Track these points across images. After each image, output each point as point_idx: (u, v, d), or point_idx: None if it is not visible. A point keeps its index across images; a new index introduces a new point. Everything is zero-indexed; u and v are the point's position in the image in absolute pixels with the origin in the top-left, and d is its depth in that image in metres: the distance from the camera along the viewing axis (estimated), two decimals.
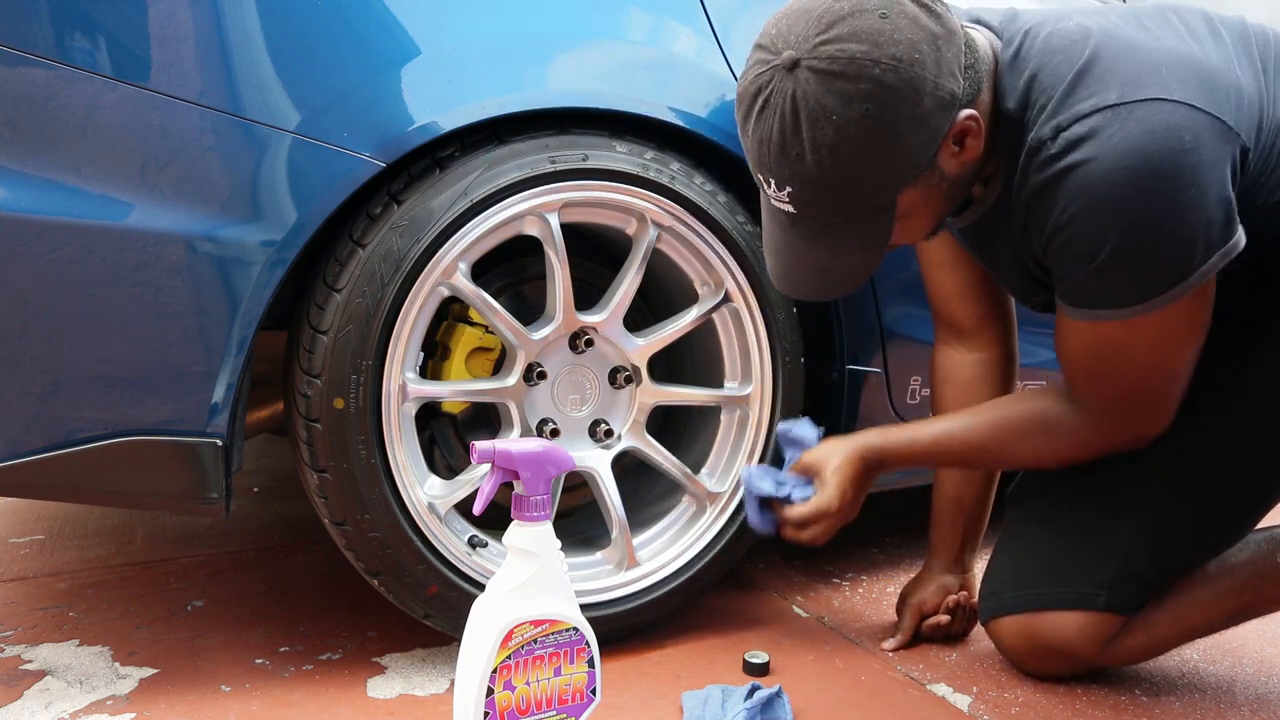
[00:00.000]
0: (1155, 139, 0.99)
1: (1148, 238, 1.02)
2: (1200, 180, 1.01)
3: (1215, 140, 1.02)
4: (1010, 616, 1.32)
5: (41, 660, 1.32)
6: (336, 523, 1.22)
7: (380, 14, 1.18)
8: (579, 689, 1.03)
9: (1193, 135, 1.00)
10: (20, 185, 1.04)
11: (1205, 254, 1.04)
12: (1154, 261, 1.04)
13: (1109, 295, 1.08)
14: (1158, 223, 1.02)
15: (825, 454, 1.30)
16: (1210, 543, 1.28)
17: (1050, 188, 1.06)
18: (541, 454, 1.00)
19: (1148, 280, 1.06)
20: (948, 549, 1.48)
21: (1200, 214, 1.02)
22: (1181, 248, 1.03)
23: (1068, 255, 1.08)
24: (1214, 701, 1.30)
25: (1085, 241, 1.05)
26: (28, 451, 1.09)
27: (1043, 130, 1.06)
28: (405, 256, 1.18)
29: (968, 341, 1.44)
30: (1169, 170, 1.00)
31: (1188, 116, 1.01)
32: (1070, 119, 1.04)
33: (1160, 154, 0.99)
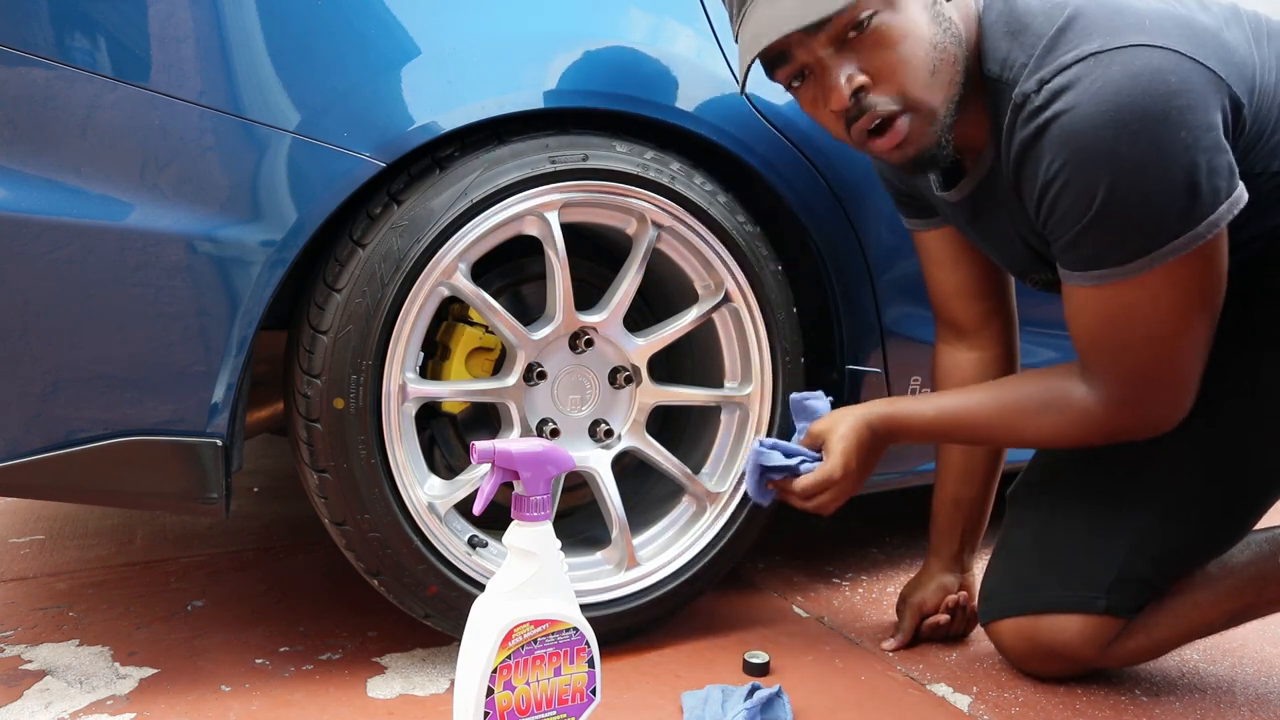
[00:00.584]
0: (1139, 82, 0.97)
1: (1139, 183, 0.99)
2: (1190, 124, 0.98)
3: (1203, 85, 0.99)
4: (1010, 619, 1.32)
5: (41, 660, 1.32)
6: (336, 523, 1.22)
7: (380, 14, 1.18)
8: (579, 689, 1.03)
9: (1179, 79, 0.97)
10: (20, 185, 1.04)
11: (1211, 202, 1.00)
12: (1152, 209, 1.00)
13: (1109, 250, 1.05)
14: (1147, 167, 0.98)
15: (832, 422, 1.30)
16: (1211, 545, 1.28)
17: (1036, 141, 1.03)
18: (541, 454, 1.00)
19: (1148, 230, 1.02)
20: (947, 549, 1.48)
21: (1197, 157, 0.98)
22: (1180, 194, 0.99)
23: (1061, 211, 1.05)
24: (1214, 701, 1.30)
25: (1076, 192, 1.02)
26: (28, 451, 1.09)
27: (1026, 85, 1.04)
28: (405, 256, 1.18)
29: (969, 340, 1.43)
30: (1156, 112, 0.97)
31: (1173, 60, 0.98)
32: (1053, 71, 1.02)
33: (1145, 96, 0.97)
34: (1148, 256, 1.03)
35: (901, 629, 1.44)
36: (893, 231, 1.48)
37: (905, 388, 1.58)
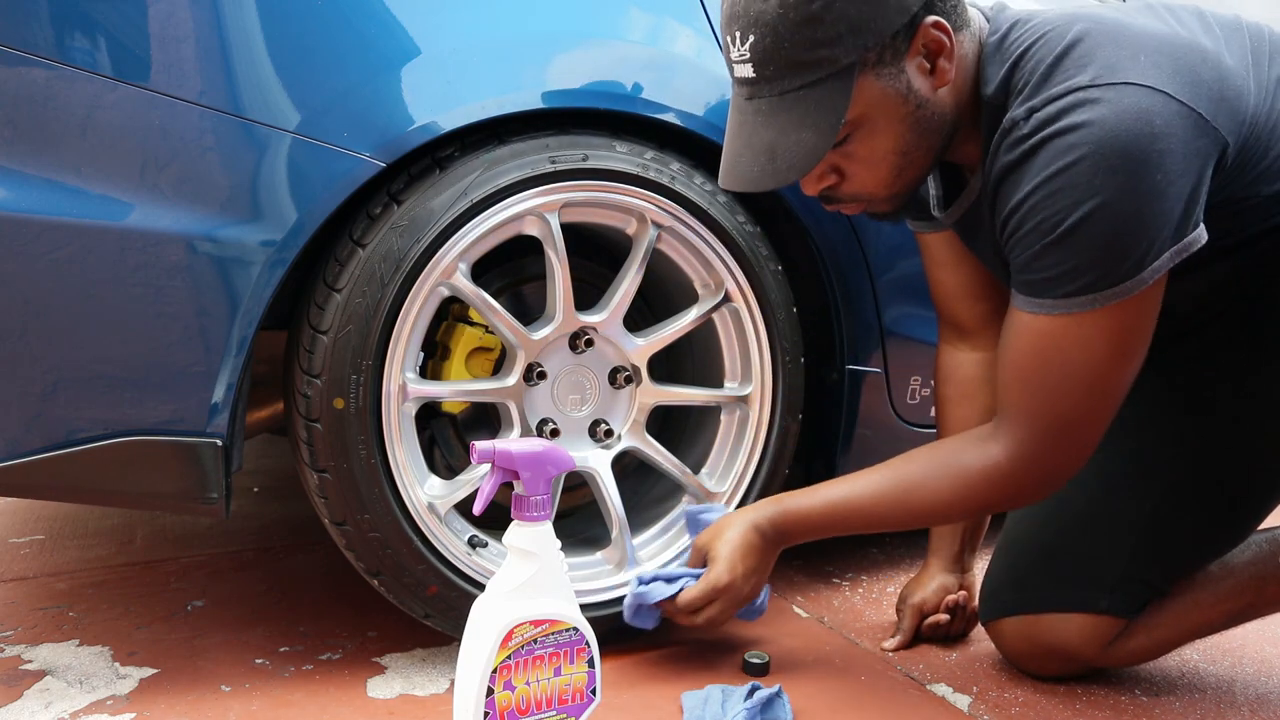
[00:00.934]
0: (1124, 121, 0.98)
1: (1106, 222, 1.00)
2: (1166, 168, 0.99)
3: (1187, 131, 1.00)
4: (1011, 618, 1.32)
5: (41, 660, 1.32)
6: (336, 523, 1.22)
7: (380, 14, 1.18)
8: (579, 689, 1.03)
9: (1164, 121, 0.98)
10: (20, 185, 1.04)
11: (1160, 249, 1.02)
12: (1111, 248, 1.01)
13: (1060, 280, 1.04)
14: (1117, 207, 0.99)
15: (716, 530, 1.28)
16: (1213, 545, 1.28)
17: (1017, 165, 1.04)
18: (541, 454, 1.00)
19: (1102, 268, 1.02)
20: (947, 549, 1.47)
21: (1162, 205, 1.00)
22: (1139, 238, 1.00)
23: (1025, 230, 1.05)
24: (1214, 701, 1.30)
25: (1043, 217, 1.02)
26: (28, 451, 1.09)
27: (1016, 111, 1.05)
28: (405, 256, 1.18)
29: (971, 340, 1.43)
30: (1135, 154, 0.98)
31: (1161, 103, 0.99)
32: (1043, 101, 1.03)
33: (1128, 137, 0.98)
34: (1094, 294, 1.03)
35: (901, 629, 1.44)
36: (893, 231, 1.48)
37: (905, 388, 1.58)
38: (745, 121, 1.08)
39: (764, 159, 1.07)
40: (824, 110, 1.04)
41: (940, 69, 1.07)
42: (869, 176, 1.12)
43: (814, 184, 1.13)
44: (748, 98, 1.07)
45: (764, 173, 1.08)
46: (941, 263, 1.40)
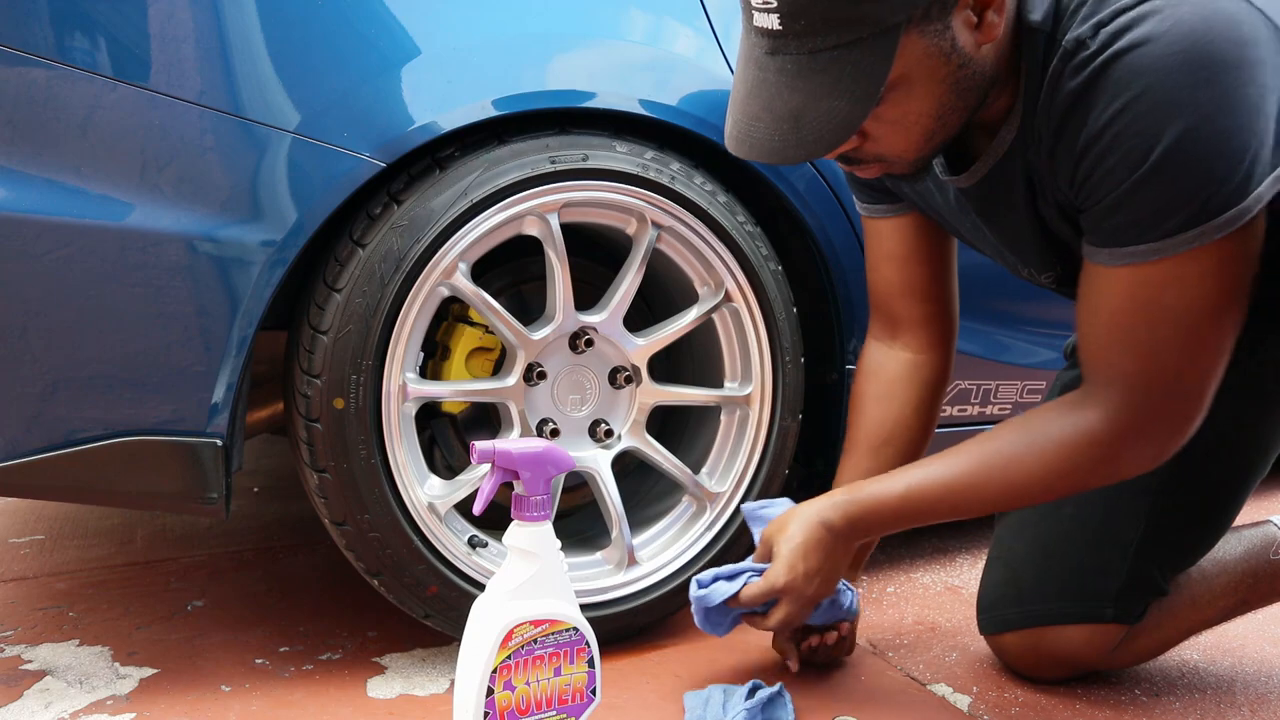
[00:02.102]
0: (1214, 25, 0.86)
1: (1204, 143, 0.88)
2: (1260, 81, 0.88)
3: (1271, 41, 0.89)
4: (1014, 632, 1.31)
5: (41, 660, 1.32)
6: (336, 523, 1.22)
7: (380, 14, 1.18)
8: (579, 689, 1.03)
9: (1251, 29, 0.87)
10: (20, 185, 1.04)
11: (1263, 172, 0.90)
12: (1211, 173, 0.89)
13: (1158, 219, 0.92)
14: (1214, 124, 0.87)
15: (781, 523, 1.19)
16: (1213, 535, 1.27)
17: (1090, 87, 0.92)
18: (541, 454, 1.00)
19: (1203, 198, 0.90)
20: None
21: (1259, 121, 0.88)
22: (1241, 159, 0.89)
23: (1107, 167, 0.92)
24: (1214, 702, 1.30)
25: (1131, 143, 0.90)
26: (28, 451, 1.09)
27: (1080, 30, 0.92)
28: (405, 256, 1.18)
29: (904, 339, 1.33)
30: (1231, 60, 0.86)
31: (1245, 10, 0.88)
32: (1111, 14, 0.90)
33: (1219, 42, 0.86)
34: (1197, 229, 0.91)
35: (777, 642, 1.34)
36: None
37: None
38: (766, 80, 0.94)
39: (787, 126, 0.93)
40: (862, 75, 0.91)
41: (988, 23, 0.94)
42: (898, 140, 1.00)
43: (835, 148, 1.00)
44: (769, 52, 0.93)
45: (786, 143, 0.94)
46: (890, 254, 1.30)
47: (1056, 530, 1.29)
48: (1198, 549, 1.28)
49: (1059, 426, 1.05)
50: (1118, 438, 1.02)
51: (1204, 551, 1.28)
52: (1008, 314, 1.68)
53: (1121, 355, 1.00)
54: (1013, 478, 1.08)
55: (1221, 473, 1.24)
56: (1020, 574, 1.31)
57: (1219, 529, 1.27)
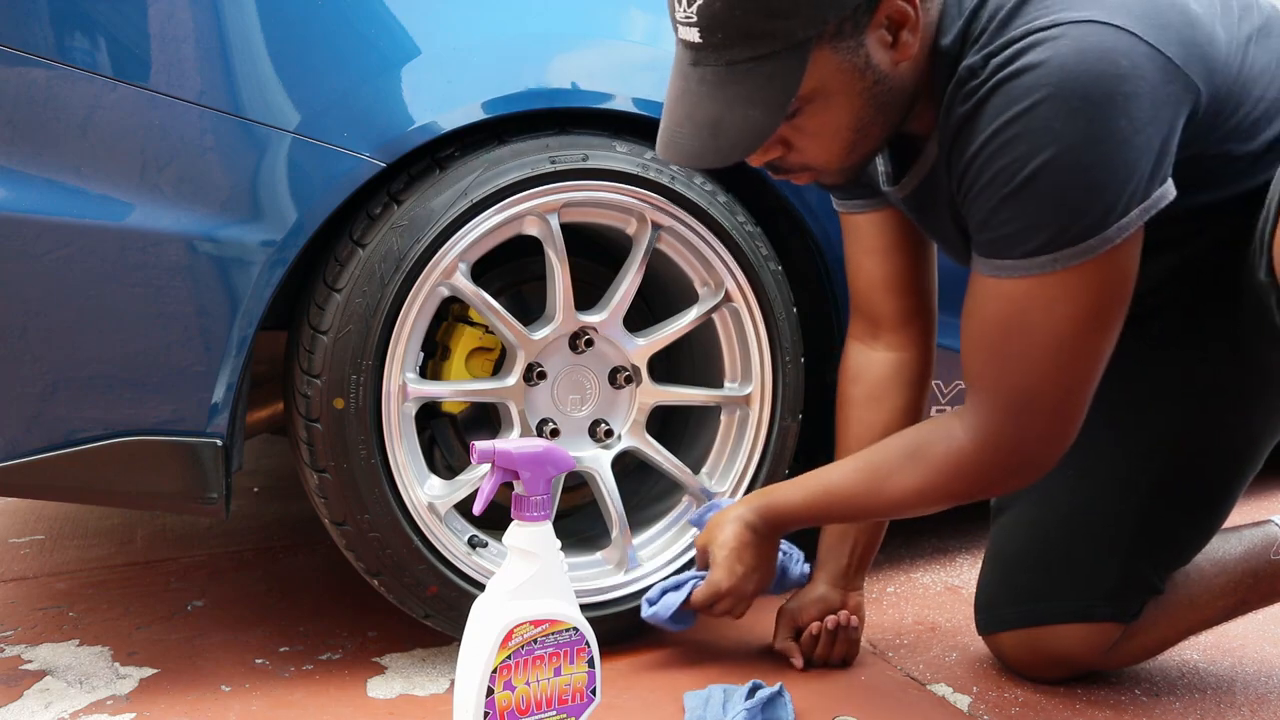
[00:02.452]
0: (1086, 59, 0.90)
1: (1067, 170, 0.92)
2: (1132, 114, 0.91)
3: (1156, 75, 0.92)
4: (1010, 632, 1.32)
5: (41, 660, 1.32)
6: (336, 523, 1.22)
7: (380, 14, 1.18)
8: (579, 689, 1.03)
9: (1130, 63, 0.90)
10: (20, 185, 1.04)
11: (1128, 205, 0.93)
12: (1072, 201, 0.93)
13: (1020, 237, 0.96)
14: (1079, 154, 0.91)
15: (710, 532, 1.28)
16: (1204, 533, 1.27)
17: (972, 116, 0.96)
18: (541, 454, 1.00)
19: (1063, 223, 0.94)
20: (834, 563, 1.38)
21: (1127, 154, 0.92)
22: (1103, 190, 0.92)
23: (982, 184, 0.97)
24: (1214, 702, 1.30)
25: (1001, 166, 0.94)
26: (28, 451, 1.09)
27: (973, 60, 0.97)
28: (405, 256, 1.18)
29: (886, 339, 1.34)
30: (1098, 96, 0.90)
31: (1128, 43, 0.91)
32: (1001, 45, 0.95)
33: (1090, 77, 0.90)
34: (1055, 253, 0.95)
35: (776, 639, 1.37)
36: None
37: None
38: (689, 90, 0.99)
39: (706, 134, 0.99)
40: (774, 87, 0.96)
41: (903, 42, 0.98)
42: (819, 151, 1.04)
43: (760, 156, 1.05)
44: (692, 63, 0.99)
45: (705, 149, 1.00)
46: (870, 249, 1.31)
47: (1050, 529, 1.29)
48: (1191, 546, 1.28)
49: (934, 441, 1.09)
50: (986, 452, 1.05)
51: (1197, 549, 1.28)
52: None
53: (988, 366, 1.03)
54: (896, 492, 1.12)
55: (1212, 469, 1.24)
56: (1015, 573, 1.32)
57: (1211, 526, 1.27)
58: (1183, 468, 1.23)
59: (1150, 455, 1.23)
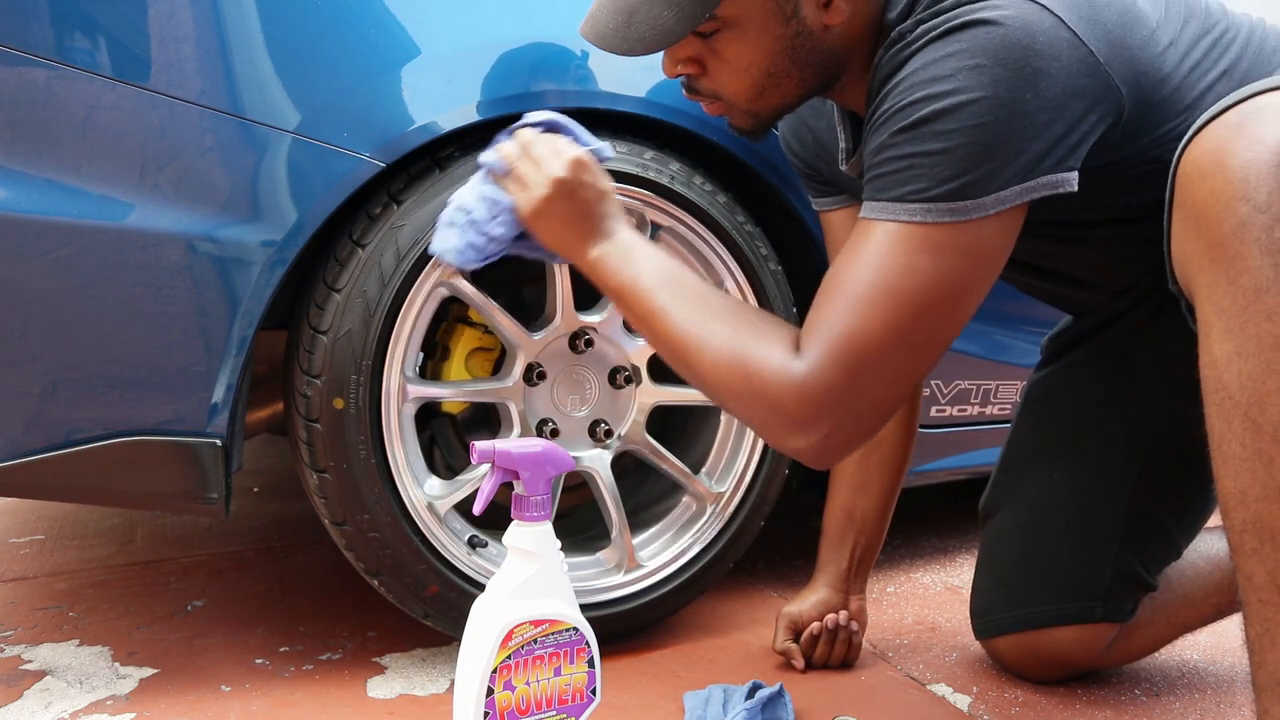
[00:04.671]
0: (1007, 30, 0.90)
1: (959, 121, 0.91)
2: (1039, 89, 0.91)
3: (1072, 64, 0.92)
4: (1006, 636, 1.32)
5: (41, 660, 1.32)
6: (336, 523, 1.22)
7: (380, 14, 1.18)
8: (579, 689, 1.03)
9: (1048, 41, 0.91)
10: (20, 185, 1.04)
11: (1009, 178, 0.92)
12: (957, 153, 0.91)
13: (899, 176, 0.93)
14: (975, 109, 0.90)
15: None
16: (1191, 527, 1.27)
17: (894, 70, 0.97)
18: (541, 454, 1.00)
19: (942, 173, 0.92)
20: (834, 565, 1.39)
21: (1023, 126, 0.91)
22: (990, 154, 0.91)
23: (883, 119, 0.96)
24: (1214, 702, 1.30)
25: (902, 102, 0.94)
26: (28, 451, 1.09)
27: (904, 25, 0.98)
28: (405, 257, 1.18)
29: None
30: (1009, 62, 0.90)
31: (1050, 24, 0.91)
32: (933, 13, 0.96)
33: (1005, 44, 0.90)
34: (928, 203, 0.92)
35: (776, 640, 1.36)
36: None
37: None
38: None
39: (620, 20, 0.99)
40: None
41: (835, 7, 0.99)
42: (729, 81, 1.04)
43: (671, 66, 1.05)
44: None
45: (616, 35, 1.00)
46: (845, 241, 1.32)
47: (1041, 532, 1.29)
48: (1181, 541, 1.28)
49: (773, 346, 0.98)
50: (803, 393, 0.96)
51: (1187, 543, 1.28)
52: (1008, 314, 1.68)
53: (837, 310, 0.96)
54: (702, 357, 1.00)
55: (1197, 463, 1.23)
56: (1008, 577, 1.32)
57: (1200, 520, 1.27)
58: (1168, 463, 1.23)
59: (1135, 453, 1.23)
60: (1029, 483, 1.32)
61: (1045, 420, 1.34)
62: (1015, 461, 1.35)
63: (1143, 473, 1.23)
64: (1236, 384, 0.84)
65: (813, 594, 1.38)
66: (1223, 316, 0.84)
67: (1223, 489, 0.86)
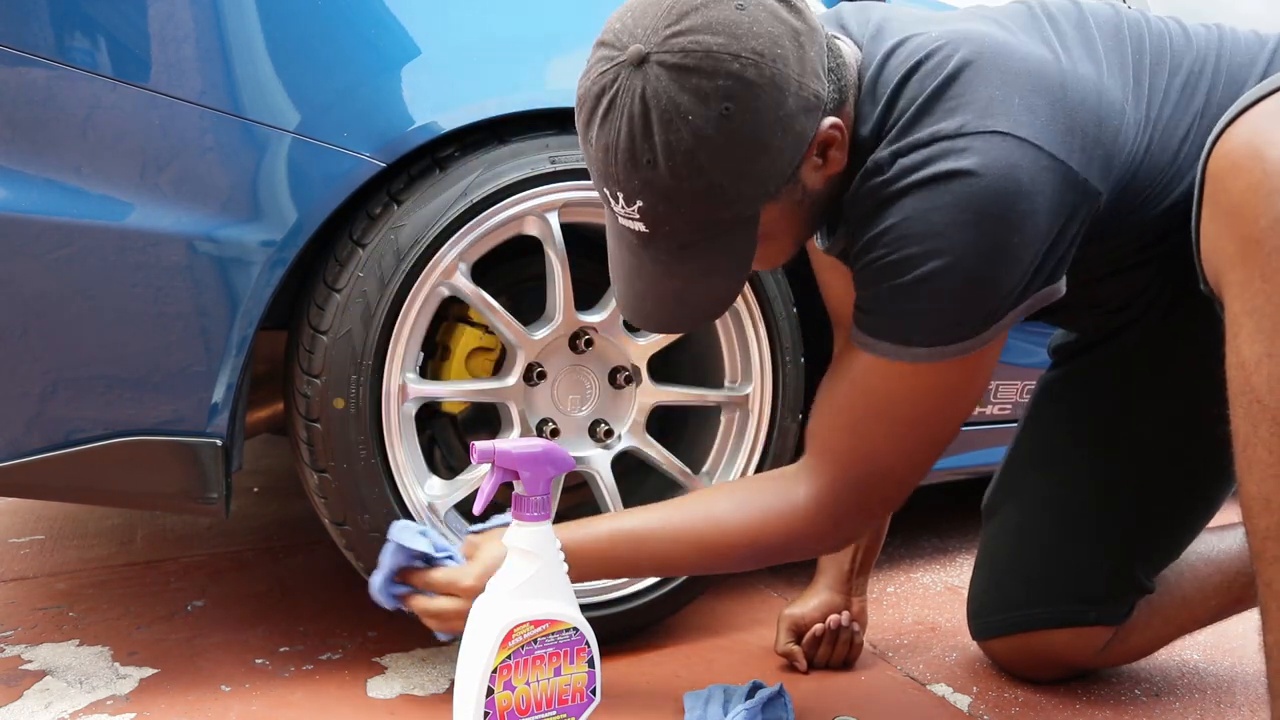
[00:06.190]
0: (989, 175, 0.90)
1: (956, 280, 0.93)
2: (1026, 230, 0.92)
3: (1056, 187, 0.93)
4: (1003, 638, 1.32)
5: (41, 660, 1.32)
6: (336, 523, 1.22)
7: (380, 14, 1.18)
8: (579, 689, 1.03)
9: (1030, 179, 0.91)
10: (20, 185, 1.04)
11: (1005, 308, 0.96)
12: (957, 307, 0.95)
13: (901, 326, 0.98)
14: (969, 266, 0.92)
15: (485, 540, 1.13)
16: (1189, 531, 1.27)
17: (876, 212, 0.96)
18: (541, 454, 1.00)
19: (945, 325, 0.96)
20: (836, 567, 1.39)
21: (1015, 267, 0.94)
22: (987, 299, 0.95)
23: (874, 267, 0.97)
24: (1214, 702, 1.30)
25: (895, 259, 0.95)
26: (28, 451, 1.09)
27: (881, 155, 0.97)
28: (405, 257, 1.18)
29: None
30: (997, 214, 0.91)
31: (1031, 158, 0.92)
32: (908, 147, 0.95)
33: (990, 193, 0.90)
34: (930, 349, 0.97)
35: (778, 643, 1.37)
36: None
37: None
38: (643, 268, 0.98)
39: (672, 305, 0.99)
40: (731, 256, 0.96)
41: (831, 159, 0.96)
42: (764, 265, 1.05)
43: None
44: (641, 245, 0.96)
45: (675, 318, 1.02)
46: (829, 265, 1.33)
47: (1037, 533, 1.29)
48: (1178, 544, 1.27)
49: (769, 496, 1.10)
50: (821, 516, 1.07)
51: (1184, 546, 1.28)
52: None
53: (842, 435, 1.05)
54: (717, 540, 1.11)
55: (1194, 467, 1.24)
56: (1004, 579, 1.32)
57: (1197, 523, 1.27)
58: (1165, 467, 1.23)
59: (1132, 458, 1.23)
60: (1028, 484, 1.32)
61: (1046, 422, 1.34)
62: (1016, 463, 1.36)
63: (1141, 477, 1.23)
64: (1265, 387, 0.83)
65: (815, 596, 1.38)
66: (1254, 316, 0.83)
67: (1246, 494, 0.86)
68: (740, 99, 0.86)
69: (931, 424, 1.03)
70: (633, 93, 0.87)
